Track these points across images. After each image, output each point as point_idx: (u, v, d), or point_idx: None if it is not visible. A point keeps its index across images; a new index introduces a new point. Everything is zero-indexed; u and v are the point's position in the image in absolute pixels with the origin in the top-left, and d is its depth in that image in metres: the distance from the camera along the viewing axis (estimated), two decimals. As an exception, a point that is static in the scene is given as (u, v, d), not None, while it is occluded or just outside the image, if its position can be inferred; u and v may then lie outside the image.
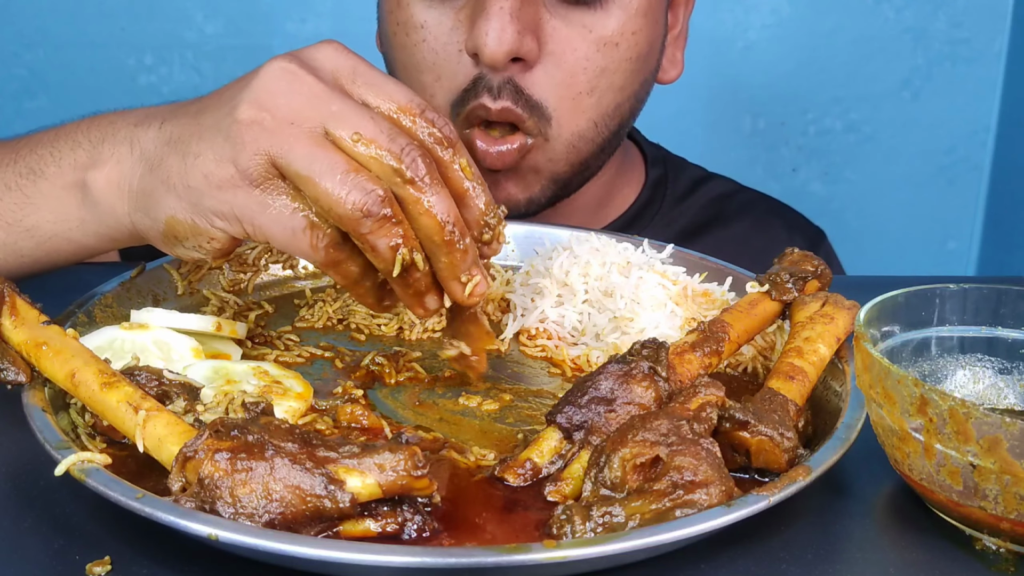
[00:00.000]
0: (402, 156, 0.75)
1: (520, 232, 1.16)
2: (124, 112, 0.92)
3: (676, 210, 1.42)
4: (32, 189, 0.92)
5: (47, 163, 0.92)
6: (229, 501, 0.61)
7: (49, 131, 0.96)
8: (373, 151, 0.75)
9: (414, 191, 0.76)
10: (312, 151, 0.75)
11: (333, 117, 0.76)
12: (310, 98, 0.77)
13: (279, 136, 0.76)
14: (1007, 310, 0.82)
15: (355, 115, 0.76)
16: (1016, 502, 0.65)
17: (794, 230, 1.45)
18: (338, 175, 0.74)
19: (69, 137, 0.92)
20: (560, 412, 0.75)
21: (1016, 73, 2.28)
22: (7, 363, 0.75)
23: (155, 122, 0.86)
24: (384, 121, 0.77)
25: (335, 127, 0.76)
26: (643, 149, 1.46)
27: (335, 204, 0.75)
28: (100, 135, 0.90)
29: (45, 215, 0.92)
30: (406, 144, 0.76)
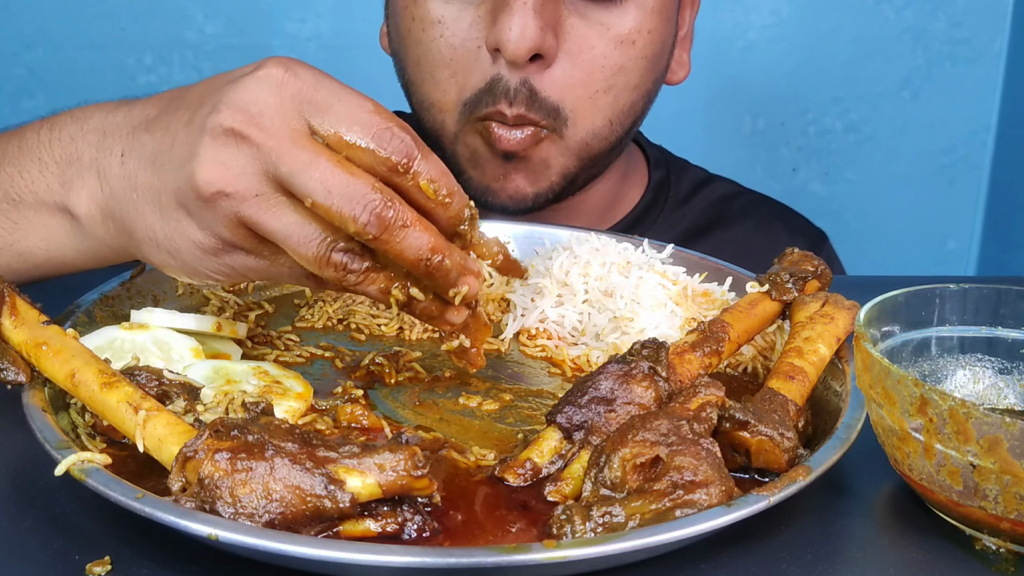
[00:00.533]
0: (357, 217, 0.73)
1: (520, 232, 1.16)
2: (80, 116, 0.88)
3: (678, 212, 1.42)
4: (16, 215, 0.89)
5: (20, 187, 0.88)
6: (229, 501, 0.61)
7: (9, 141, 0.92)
8: (335, 215, 0.73)
9: (381, 244, 0.75)
10: (284, 221, 0.75)
11: (288, 178, 0.73)
12: (259, 161, 0.74)
13: (249, 209, 0.74)
14: (1007, 310, 0.82)
15: (304, 175, 0.73)
16: (1016, 502, 0.65)
17: (796, 232, 1.45)
18: (314, 244, 0.75)
19: (32, 154, 0.88)
20: (560, 412, 0.75)
21: (1016, 73, 2.28)
22: (7, 363, 0.75)
23: (115, 148, 0.82)
24: (335, 174, 0.73)
25: (292, 187, 0.74)
26: (645, 151, 1.46)
27: (315, 266, 0.76)
28: (64, 155, 0.86)
29: (36, 242, 0.89)
30: (360, 198, 0.73)
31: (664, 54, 1.24)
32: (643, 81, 1.21)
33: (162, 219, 0.79)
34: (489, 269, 1.11)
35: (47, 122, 0.90)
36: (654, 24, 1.18)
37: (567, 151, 1.20)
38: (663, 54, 1.24)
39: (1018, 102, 2.28)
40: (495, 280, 1.09)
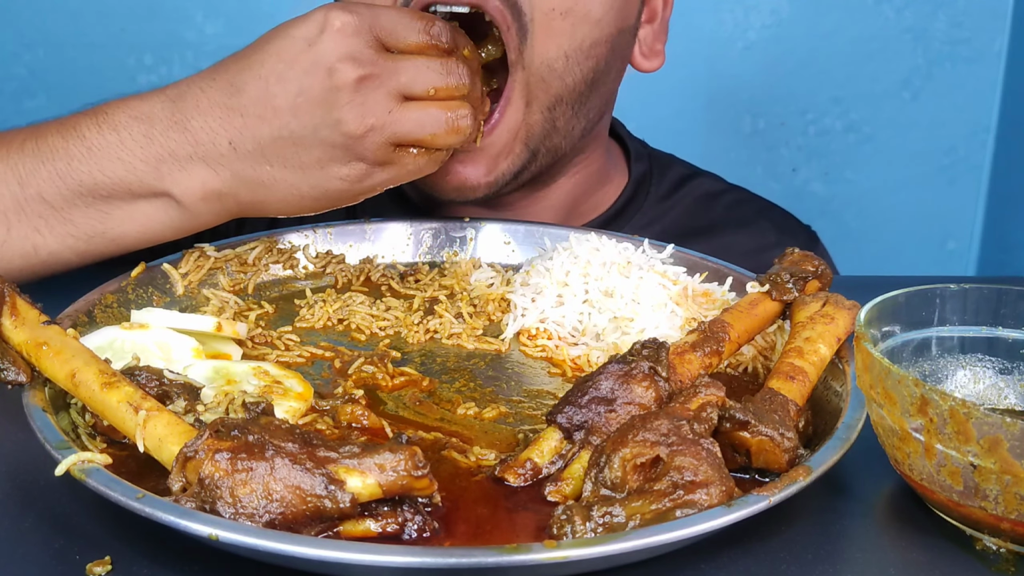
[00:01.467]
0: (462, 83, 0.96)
1: (520, 232, 1.16)
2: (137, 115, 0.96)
3: (660, 208, 1.37)
4: (106, 207, 0.97)
5: (106, 185, 0.96)
6: (229, 501, 0.61)
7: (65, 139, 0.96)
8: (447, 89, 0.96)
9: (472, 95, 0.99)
10: (418, 119, 0.94)
11: (408, 86, 0.94)
12: (382, 85, 0.93)
13: (390, 126, 0.93)
14: (1007, 310, 0.82)
15: (420, 75, 0.94)
16: (1016, 502, 0.65)
17: (784, 233, 1.40)
18: (443, 121, 0.95)
19: (107, 155, 0.95)
20: (560, 412, 0.75)
21: (1016, 73, 2.28)
22: (7, 363, 0.75)
23: (217, 140, 0.94)
24: (434, 63, 0.95)
25: (414, 91, 0.94)
26: (626, 144, 1.41)
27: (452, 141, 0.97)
28: (150, 155, 0.95)
29: (131, 227, 0.98)
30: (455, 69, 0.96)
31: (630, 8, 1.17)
32: (605, 20, 1.12)
33: (304, 174, 0.96)
34: (490, 270, 1.11)
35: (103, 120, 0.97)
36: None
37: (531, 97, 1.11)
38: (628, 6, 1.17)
39: (1018, 102, 2.28)
40: (495, 280, 1.09)
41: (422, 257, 1.16)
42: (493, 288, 1.07)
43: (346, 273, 1.09)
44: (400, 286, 1.08)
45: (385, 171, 0.97)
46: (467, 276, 1.10)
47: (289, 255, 1.09)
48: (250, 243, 1.08)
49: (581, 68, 1.13)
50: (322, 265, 1.10)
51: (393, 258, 1.15)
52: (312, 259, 1.10)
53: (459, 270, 1.11)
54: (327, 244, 1.12)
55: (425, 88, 0.94)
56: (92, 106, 0.99)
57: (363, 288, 1.08)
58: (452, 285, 1.08)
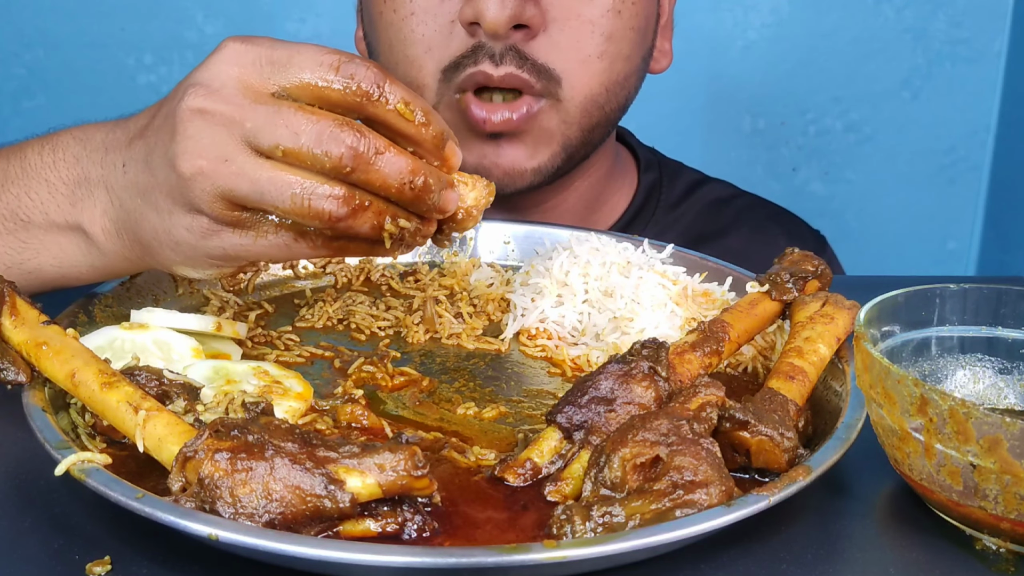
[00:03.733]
0: (331, 152, 0.74)
1: (520, 232, 1.16)
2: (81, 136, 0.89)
3: (671, 215, 1.39)
4: (25, 235, 0.89)
5: (28, 209, 0.89)
6: (229, 501, 0.61)
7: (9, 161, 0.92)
8: (306, 155, 0.74)
9: (361, 175, 0.75)
10: (256, 179, 0.75)
11: (254, 136, 0.75)
12: (225, 127, 0.75)
13: (222, 178, 0.75)
14: (1007, 310, 0.82)
15: (269, 127, 0.74)
16: (1016, 502, 0.65)
17: (794, 237, 1.41)
18: (289, 194, 0.75)
19: (38, 175, 0.89)
20: (560, 412, 0.75)
21: (1016, 73, 2.28)
22: (7, 363, 0.75)
23: (117, 162, 0.84)
24: (299, 117, 0.74)
25: (260, 144, 0.75)
26: (636, 153, 1.44)
27: (304, 218, 0.76)
28: (71, 176, 0.88)
29: (47, 259, 0.90)
30: (328, 133, 0.74)
31: (649, 31, 1.24)
32: (634, 54, 1.20)
33: (158, 215, 0.80)
34: (490, 270, 1.11)
35: (47, 142, 0.90)
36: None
37: (569, 118, 1.18)
38: (648, 30, 1.23)
39: (1018, 102, 2.29)
40: (495, 280, 1.09)
41: (422, 257, 1.16)
42: (493, 288, 1.07)
43: (346, 273, 1.09)
44: (400, 286, 1.08)
45: (236, 234, 0.78)
46: (467, 276, 1.10)
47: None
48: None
49: (618, 98, 1.22)
50: (322, 265, 1.10)
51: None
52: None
53: (459, 270, 1.11)
54: (327, 244, 1.12)
55: (272, 143, 0.74)
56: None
57: (363, 288, 1.08)
58: (452, 285, 1.08)
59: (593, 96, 1.18)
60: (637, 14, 1.18)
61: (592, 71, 1.16)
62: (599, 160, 1.31)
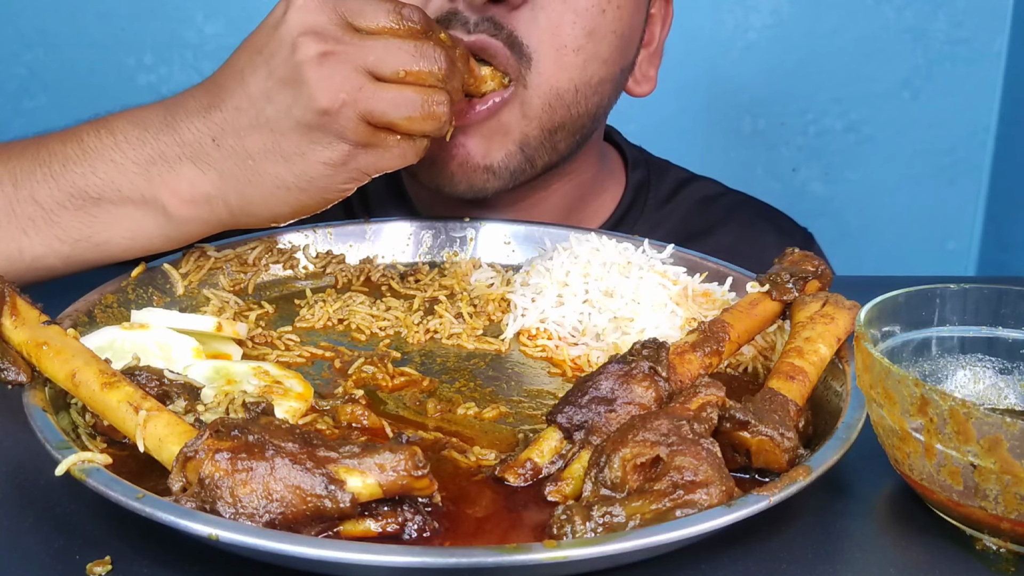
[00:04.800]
0: (438, 68, 0.92)
1: (520, 232, 1.16)
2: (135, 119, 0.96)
3: (659, 214, 1.38)
4: (95, 210, 0.95)
5: (98, 187, 0.95)
6: (229, 501, 0.61)
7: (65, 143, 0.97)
8: (424, 73, 0.91)
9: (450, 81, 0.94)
10: (392, 99, 0.90)
11: (376, 65, 0.90)
12: (350, 61, 0.89)
13: (363, 102, 0.89)
14: (1007, 310, 0.82)
15: (387, 55, 0.90)
16: (1016, 502, 0.65)
17: (783, 234, 1.41)
18: (419, 104, 0.91)
19: (100, 156, 0.95)
20: (560, 412, 0.75)
21: (1016, 73, 2.28)
22: (7, 363, 0.75)
23: (201, 138, 0.93)
24: (406, 44, 0.91)
25: (383, 72, 0.90)
26: (623, 151, 1.42)
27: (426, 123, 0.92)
28: (141, 156, 0.94)
29: (119, 232, 0.96)
30: (431, 53, 0.92)
31: (632, 43, 1.20)
32: (611, 60, 1.16)
33: (287, 163, 0.92)
34: (490, 270, 1.11)
35: (102, 126, 0.97)
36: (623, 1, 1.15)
37: (530, 112, 1.12)
38: (631, 41, 1.20)
39: (1018, 102, 2.29)
40: (495, 280, 1.09)
41: (422, 257, 1.16)
42: (493, 288, 1.07)
43: (346, 273, 1.09)
44: (400, 286, 1.08)
45: (368, 153, 0.93)
46: (467, 276, 1.10)
47: (289, 255, 1.09)
48: (250, 243, 1.08)
49: (588, 102, 1.17)
50: (322, 265, 1.10)
51: (393, 258, 1.15)
52: (312, 259, 1.10)
53: (459, 270, 1.11)
54: (327, 244, 1.12)
55: (395, 69, 0.90)
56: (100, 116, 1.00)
57: (363, 288, 1.08)
58: (452, 285, 1.08)
59: (560, 91, 1.12)
60: (621, 19, 1.15)
61: (565, 63, 1.12)
62: (583, 164, 1.28)
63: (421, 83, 0.91)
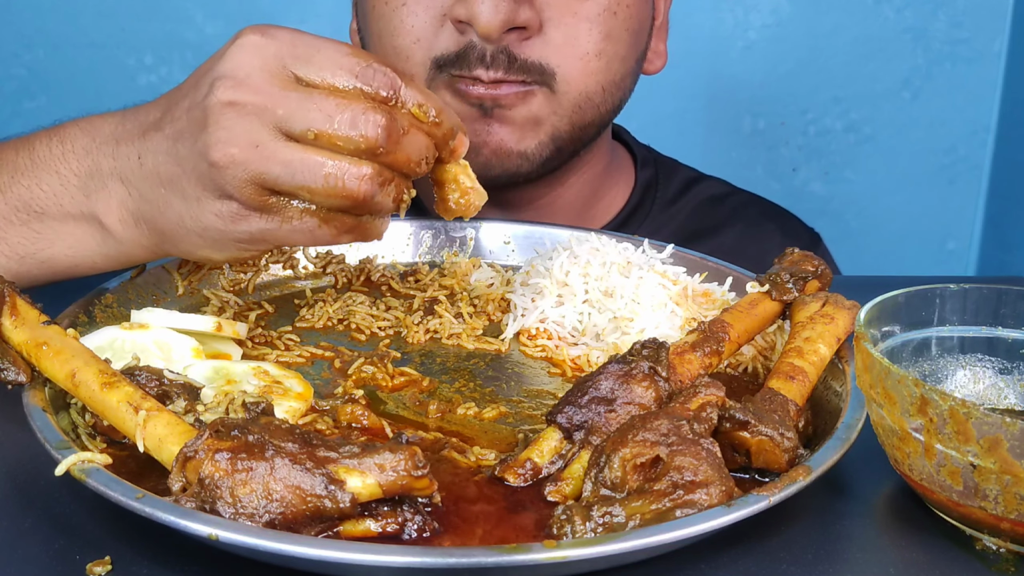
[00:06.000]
0: (367, 135, 0.77)
1: (520, 232, 1.16)
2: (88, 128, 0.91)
3: (667, 213, 1.40)
4: (39, 225, 0.91)
5: (41, 200, 0.90)
6: (229, 501, 0.61)
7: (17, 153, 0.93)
8: (341, 137, 0.77)
9: (391, 155, 0.79)
10: (288, 162, 0.78)
11: (285, 121, 0.78)
12: (256, 116, 0.78)
13: (253, 163, 0.78)
14: (1007, 310, 0.82)
15: (301, 112, 0.77)
16: (1016, 502, 0.65)
17: (788, 234, 1.43)
18: (321, 175, 0.78)
19: (47, 167, 0.90)
20: (560, 412, 0.75)
21: (1016, 73, 2.28)
22: (7, 363, 0.75)
23: (131, 153, 0.86)
24: (330, 102, 0.77)
25: (292, 129, 0.78)
26: (632, 151, 1.44)
27: (335, 200, 0.79)
28: (83, 168, 0.89)
29: (62, 250, 0.92)
30: (362, 116, 0.77)
31: (644, 33, 1.24)
32: (629, 56, 1.20)
33: (186, 202, 0.83)
34: (490, 270, 1.11)
35: (55, 134, 0.92)
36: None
37: (560, 110, 1.17)
38: (643, 32, 1.23)
39: (1018, 102, 2.28)
40: (495, 280, 1.09)
41: (422, 257, 1.16)
42: (493, 288, 1.07)
43: (346, 273, 1.09)
44: (400, 286, 1.08)
45: (263, 219, 0.81)
46: (467, 276, 1.10)
47: (289, 255, 1.09)
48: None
49: (614, 99, 1.22)
50: (322, 265, 1.10)
51: (393, 258, 1.15)
52: (312, 259, 1.10)
53: (459, 270, 1.11)
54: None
55: (303, 127, 0.77)
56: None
57: (363, 288, 1.08)
58: (452, 285, 1.08)
59: (589, 94, 1.18)
60: (632, 16, 1.18)
61: (590, 69, 1.16)
62: (595, 157, 1.31)
63: (335, 149, 0.78)
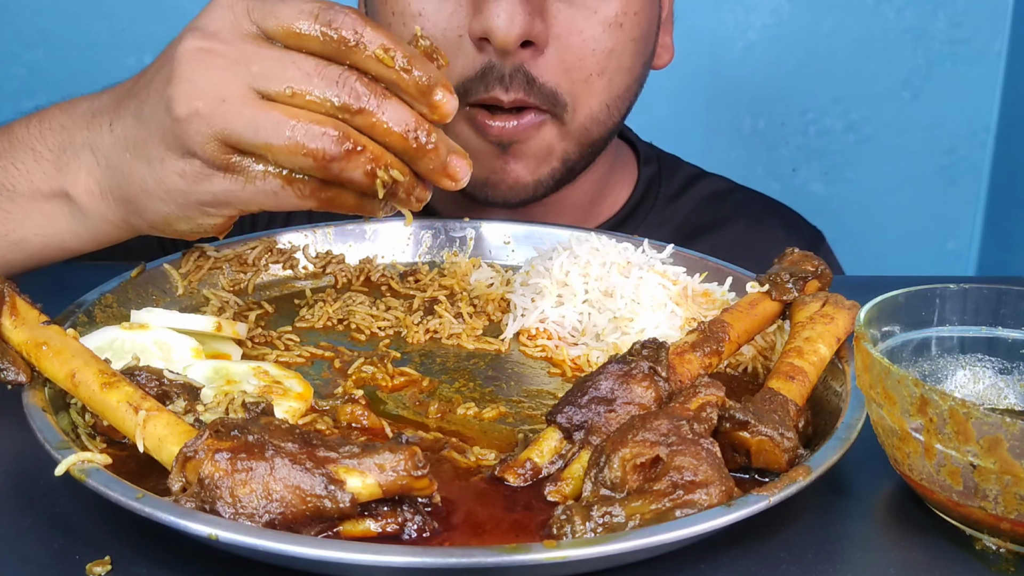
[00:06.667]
0: (340, 92, 0.76)
1: (520, 232, 1.16)
2: (67, 107, 0.92)
3: (669, 208, 1.40)
4: (10, 205, 0.91)
5: (15, 178, 0.90)
6: (229, 501, 0.61)
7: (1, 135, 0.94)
8: (314, 96, 0.76)
9: (365, 118, 0.77)
10: (252, 119, 0.76)
11: (257, 78, 0.76)
12: (228, 68, 0.77)
13: (218, 118, 0.76)
14: (1007, 310, 0.82)
15: (277, 68, 0.76)
16: (1016, 502, 0.65)
17: (792, 231, 1.44)
18: (286, 132, 0.76)
19: (24, 146, 0.91)
20: (560, 412, 0.75)
21: (1016, 73, 2.28)
22: (7, 363, 0.75)
23: (104, 123, 0.86)
24: (309, 61, 0.76)
25: (264, 87, 0.76)
26: (635, 147, 1.45)
27: (296, 160, 0.77)
28: (57, 143, 0.89)
29: (32, 229, 0.91)
30: (337, 76, 0.76)
31: (651, 36, 1.24)
32: (634, 64, 1.21)
33: (149, 165, 0.81)
34: (490, 270, 1.11)
35: (35, 116, 0.93)
36: (639, 6, 1.18)
37: (568, 136, 1.19)
38: (650, 36, 1.24)
39: (1018, 102, 2.28)
40: (495, 280, 1.09)
41: (422, 257, 1.16)
42: (493, 288, 1.07)
43: (346, 273, 1.09)
44: (400, 286, 1.08)
45: (227, 179, 0.79)
46: (467, 276, 1.10)
47: (289, 255, 1.09)
48: (250, 243, 1.08)
49: (619, 112, 1.23)
50: (322, 265, 1.10)
51: (393, 258, 1.15)
52: (312, 259, 1.10)
53: (459, 270, 1.11)
54: (327, 244, 1.12)
55: (280, 85, 0.75)
56: None
57: (363, 288, 1.08)
58: (452, 285, 1.08)
59: (594, 115, 1.19)
60: (639, 24, 1.18)
61: (592, 90, 1.17)
62: (601, 158, 1.32)
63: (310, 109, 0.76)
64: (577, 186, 1.30)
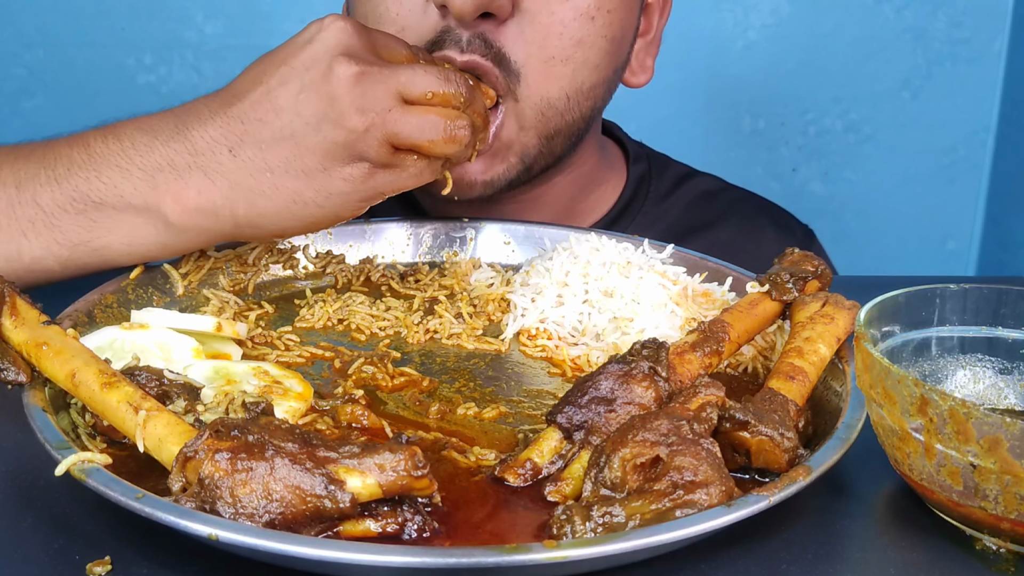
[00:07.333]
0: (462, 92, 0.96)
1: (520, 232, 1.16)
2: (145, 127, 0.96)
3: (660, 208, 1.38)
4: (96, 215, 0.95)
5: (101, 191, 0.94)
6: (229, 501, 0.61)
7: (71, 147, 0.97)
8: (450, 96, 0.95)
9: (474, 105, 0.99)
10: (416, 122, 0.93)
11: (404, 88, 0.94)
12: (382, 83, 0.93)
13: (390, 124, 0.92)
14: (1007, 310, 0.82)
15: (416, 78, 0.94)
16: (1016, 502, 0.65)
17: (783, 230, 1.42)
18: (442, 127, 0.94)
19: (107, 161, 0.95)
20: (560, 412, 0.75)
21: (1016, 73, 2.28)
22: (7, 363, 0.75)
23: (220, 150, 0.93)
24: (434, 70, 0.96)
25: (412, 93, 0.94)
26: (624, 146, 1.43)
27: (448, 147, 0.95)
28: (148, 163, 0.94)
29: (118, 238, 0.96)
30: (455, 78, 0.96)
31: (624, 43, 1.21)
32: (603, 64, 1.17)
33: (308, 178, 0.94)
34: (490, 270, 1.11)
35: (109, 132, 0.97)
36: (614, 5, 1.15)
37: (525, 123, 1.15)
38: (623, 42, 1.21)
39: (1018, 102, 2.28)
40: (495, 280, 1.09)
41: (422, 257, 1.16)
42: (493, 288, 1.07)
43: (346, 273, 1.09)
44: (400, 286, 1.08)
45: (388, 173, 0.95)
46: (467, 276, 1.10)
47: (289, 255, 1.09)
48: (250, 243, 1.08)
49: (581, 108, 1.19)
50: (322, 265, 1.10)
51: (393, 258, 1.15)
52: (312, 259, 1.10)
53: (459, 270, 1.11)
54: (327, 244, 1.13)
55: (423, 91, 0.94)
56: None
57: (363, 288, 1.08)
58: (452, 285, 1.08)
59: (551, 101, 1.15)
60: (611, 23, 1.16)
61: (553, 74, 1.14)
62: (581, 158, 1.30)
63: (446, 106, 0.95)
64: (553, 184, 1.27)
